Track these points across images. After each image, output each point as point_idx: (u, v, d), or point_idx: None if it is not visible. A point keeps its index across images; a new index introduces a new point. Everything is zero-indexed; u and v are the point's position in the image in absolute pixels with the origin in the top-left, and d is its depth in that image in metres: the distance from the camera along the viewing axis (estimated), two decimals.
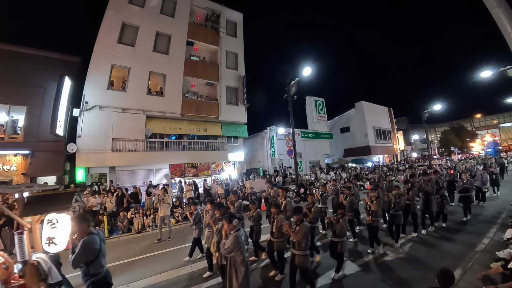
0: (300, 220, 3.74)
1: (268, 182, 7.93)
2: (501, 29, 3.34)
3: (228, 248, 3.13)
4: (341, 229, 4.29)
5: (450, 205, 9.09)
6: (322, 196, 7.12)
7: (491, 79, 9.16)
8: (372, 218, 5.33)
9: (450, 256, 4.95)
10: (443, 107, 20.94)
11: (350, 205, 6.18)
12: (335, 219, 4.41)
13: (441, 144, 42.46)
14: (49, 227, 2.98)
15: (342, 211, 4.45)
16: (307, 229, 3.62)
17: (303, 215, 3.82)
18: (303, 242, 3.57)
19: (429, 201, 6.53)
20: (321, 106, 22.53)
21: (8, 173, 9.49)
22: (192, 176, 14.36)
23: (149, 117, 13.12)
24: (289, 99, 12.22)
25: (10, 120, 9.80)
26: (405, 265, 4.79)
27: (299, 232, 3.59)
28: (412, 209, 6.30)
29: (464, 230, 6.55)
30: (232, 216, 3.39)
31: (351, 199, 6.28)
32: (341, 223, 4.31)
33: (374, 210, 5.33)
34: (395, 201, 5.78)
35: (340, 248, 4.29)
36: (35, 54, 10.43)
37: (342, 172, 18.08)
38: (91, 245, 2.79)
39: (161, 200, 7.46)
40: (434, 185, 6.74)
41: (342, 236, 4.31)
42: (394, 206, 5.76)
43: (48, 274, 2.84)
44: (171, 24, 14.35)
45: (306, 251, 3.62)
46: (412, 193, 6.35)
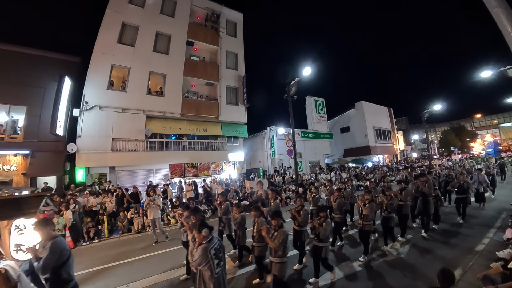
0: (278, 225, 3.52)
1: (258, 183, 7.70)
2: (501, 29, 3.34)
3: (196, 261, 2.85)
4: (324, 233, 4.11)
5: (446, 207, 8.99)
6: (314, 198, 6.83)
7: (491, 79, 9.17)
8: (363, 222, 5.15)
9: (447, 260, 4.79)
10: (443, 107, 20.97)
11: (339, 207, 5.99)
12: (318, 222, 4.22)
13: (441, 144, 42.47)
14: (16, 233, 2.81)
15: (324, 214, 4.24)
16: (285, 236, 3.40)
17: (282, 220, 3.59)
18: (280, 249, 3.36)
19: (427, 202, 6.37)
20: (321, 106, 22.53)
21: (8, 173, 9.48)
22: (192, 176, 14.35)
23: (149, 117, 13.12)
24: (289, 99, 12.22)
25: (10, 120, 9.80)
26: (395, 271, 4.58)
27: (276, 238, 3.37)
28: (405, 210, 6.16)
29: (462, 232, 6.38)
30: (202, 225, 3.05)
31: (340, 201, 6.07)
32: (324, 226, 4.12)
33: (366, 214, 5.13)
34: (387, 203, 5.63)
35: (324, 253, 4.13)
36: (35, 54, 10.43)
37: (342, 172, 18.06)
38: (61, 246, 2.62)
39: (153, 201, 7.20)
40: (432, 186, 6.59)
41: (326, 241, 4.16)
42: (387, 208, 5.61)
43: (18, 282, 2.63)
44: (171, 24, 14.35)
45: (283, 258, 3.40)
46: (405, 193, 6.24)
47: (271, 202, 5.80)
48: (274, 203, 5.74)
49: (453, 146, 33.87)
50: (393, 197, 5.73)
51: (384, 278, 4.36)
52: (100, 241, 7.78)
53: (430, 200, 6.39)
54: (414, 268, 4.61)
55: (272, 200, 5.87)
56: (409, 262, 4.88)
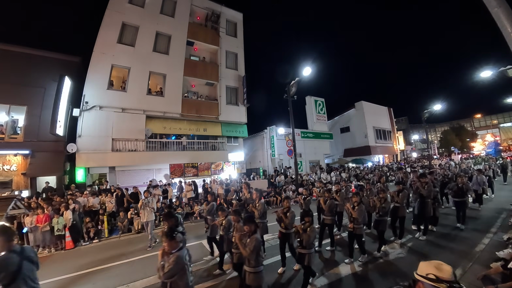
0: (252, 231, 3.21)
1: (244, 184, 7.32)
2: (501, 29, 3.34)
3: (170, 272, 2.47)
4: (308, 239, 3.84)
5: (441, 208, 8.60)
6: (305, 200, 6.48)
7: (491, 79, 9.16)
8: (354, 226, 4.89)
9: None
10: (443, 107, 20.97)
11: (329, 209, 5.73)
12: (302, 228, 3.95)
13: (441, 144, 42.50)
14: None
15: (309, 219, 3.98)
16: (258, 243, 3.10)
17: (256, 226, 3.29)
18: (252, 257, 3.08)
19: (424, 204, 6.08)
20: (321, 106, 22.53)
21: (8, 173, 9.50)
22: (192, 176, 14.36)
23: (149, 117, 13.12)
24: (289, 99, 12.22)
25: (10, 120, 9.81)
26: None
27: (248, 245, 3.07)
28: (401, 212, 5.93)
29: (462, 233, 6.20)
30: (172, 231, 2.72)
31: (331, 202, 5.77)
32: (309, 232, 3.85)
33: (355, 217, 4.86)
34: (380, 205, 5.35)
35: (307, 261, 3.84)
36: (35, 54, 10.44)
37: (342, 172, 18.06)
38: (3, 265, 2.27)
39: (146, 204, 6.85)
40: (432, 188, 6.26)
41: (310, 248, 3.88)
42: (379, 211, 5.34)
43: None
44: (171, 24, 14.35)
45: (257, 267, 3.11)
46: (402, 195, 5.99)
47: (257, 203, 5.48)
48: (260, 204, 5.43)
49: (453, 146, 33.90)
50: (387, 199, 5.47)
51: (373, 284, 4.15)
52: (100, 241, 7.77)
53: (428, 202, 6.11)
54: (408, 274, 4.20)
55: (257, 201, 5.54)
56: (404, 266, 4.63)
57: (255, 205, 5.45)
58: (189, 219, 9.89)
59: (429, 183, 6.27)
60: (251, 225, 3.25)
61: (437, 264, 1.54)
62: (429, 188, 6.14)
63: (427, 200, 6.10)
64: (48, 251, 7.06)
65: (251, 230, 3.22)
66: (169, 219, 3.86)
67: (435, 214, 6.50)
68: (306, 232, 3.89)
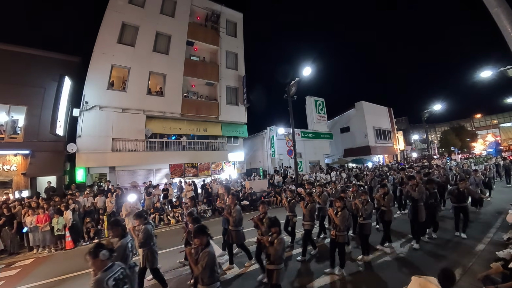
0: (203, 244, 2.78)
1: (224, 187, 6.62)
2: (501, 29, 3.34)
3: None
4: (275, 253, 3.31)
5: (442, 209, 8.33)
6: (290, 203, 6.08)
7: (491, 79, 9.18)
8: (336, 233, 4.47)
9: None
10: (443, 107, 21.04)
11: (310, 214, 5.37)
12: (269, 240, 3.41)
13: (441, 144, 42.46)
14: None
15: (276, 230, 3.42)
16: (211, 258, 2.69)
17: (208, 238, 2.86)
18: (205, 275, 2.69)
19: (417, 209, 5.59)
20: (321, 106, 22.52)
21: (8, 173, 9.50)
22: (192, 176, 14.36)
23: (149, 117, 13.12)
24: (289, 99, 12.23)
25: (10, 120, 9.81)
26: None
27: (201, 261, 2.66)
28: (387, 216, 5.60)
29: (457, 239, 5.89)
30: (99, 247, 2.32)
31: (312, 206, 5.41)
32: (276, 245, 3.30)
33: (338, 224, 4.45)
34: (362, 208, 5.09)
35: (275, 279, 3.34)
36: (35, 54, 10.44)
37: (342, 172, 18.04)
38: None
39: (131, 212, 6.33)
40: (424, 191, 5.74)
41: (279, 263, 3.34)
42: (362, 214, 5.08)
43: None
44: (171, 24, 14.35)
45: (212, 285, 2.73)
46: (388, 198, 5.69)
47: (232, 208, 5.03)
48: (235, 211, 4.94)
49: (453, 146, 33.89)
50: (369, 201, 5.20)
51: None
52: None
53: (421, 206, 5.62)
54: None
55: (232, 206, 5.06)
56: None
57: (230, 212, 4.96)
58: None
59: (420, 185, 5.79)
60: (202, 237, 2.81)
61: (424, 284, 1.48)
62: (420, 190, 5.66)
63: (419, 204, 5.61)
64: (48, 251, 7.07)
65: (203, 243, 2.80)
66: (114, 227, 3.37)
67: (435, 219, 6.05)
68: (273, 245, 3.33)
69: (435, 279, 2.10)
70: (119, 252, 3.14)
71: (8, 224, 6.98)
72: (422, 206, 5.63)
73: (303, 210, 5.50)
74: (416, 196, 5.65)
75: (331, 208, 4.76)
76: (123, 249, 3.26)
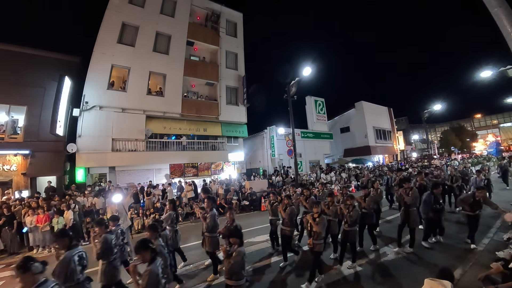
0: (146, 260, 2.44)
1: (203, 191, 6.08)
2: (501, 29, 3.34)
3: None
4: (231, 267, 2.90)
5: None
6: (273, 207, 5.66)
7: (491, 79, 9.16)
8: (313, 241, 4.09)
9: None
10: (443, 107, 21.01)
11: (289, 218, 4.96)
12: (226, 251, 2.98)
13: (441, 144, 42.50)
14: None
15: (236, 241, 3.01)
16: (154, 279, 2.33)
17: (153, 253, 2.51)
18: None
19: (409, 214, 5.26)
20: (321, 106, 22.53)
21: (8, 173, 9.50)
22: (192, 176, 14.36)
23: (149, 117, 13.12)
24: (289, 99, 12.22)
25: (10, 120, 9.81)
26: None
27: (144, 280, 2.32)
28: (368, 219, 5.46)
29: (460, 235, 5.83)
30: (29, 260, 2.07)
31: (291, 210, 4.99)
32: (233, 259, 2.89)
33: (316, 231, 4.06)
34: (348, 214, 4.71)
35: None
36: (35, 54, 10.44)
37: (342, 172, 18.05)
38: None
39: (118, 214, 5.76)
40: (417, 196, 5.41)
41: (238, 278, 2.95)
42: (347, 220, 4.71)
43: None
44: (171, 24, 14.35)
45: None
46: (368, 200, 5.51)
47: (207, 213, 4.73)
48: (210, 216, 4.64)
49: (453, 146, 33.91)
50: (355, 207, 4.83)
51: None
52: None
53: (414, 211, 5.29)
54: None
55: (208, 210, 4.76)
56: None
57: (205, 217, 4.69)
58: (189, 219, 9.90)
59: (414, 189, 5.48)
60: (145, 253, 2.46)
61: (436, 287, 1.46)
62: (414, 194, 5.31)
63: (412, 209, 5.28)
64: (48, 251, 7.07)
65: (145, 259, 2.46)
66: (60, 238, 3.00)
67: (441, 224, 5.69)
68: (231, 257, 2.90)
69: (449, 283, 2.03)
70: (62, 266, 2.77)
71: (8, 224, 6.98)
72: (415, 211, 5.32)
73: (282, 214, 5.09)
74: (409, 201, 5.28)
75: (309, 215, 4.31)
76: (66, 262, 2.80)
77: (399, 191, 5.74)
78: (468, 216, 5.44)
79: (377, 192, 6.63)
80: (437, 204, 5.56)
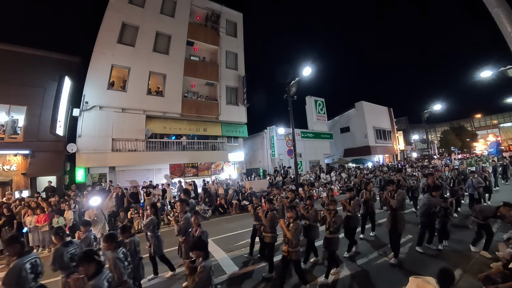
0: (89, 274, 2.27)
1: (183, 193, 5.81)
2: (501, 29, 3.34)
3: None
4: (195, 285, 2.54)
5: None
6: (256, 211, 5.26)
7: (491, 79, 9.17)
8: (288, 249, 3.79)
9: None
10: (443, 107, 21.05)
11: (270, 224, 4.58)
12: (189, 266, 2.66)
13: (441, 144, 42.48)
14: None
15: (199, 254, 2.69)
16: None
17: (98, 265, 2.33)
18: None
19: (395, 218, 4.86)
20: (321, 106, 22.53)
21: (8, 173, 9.50)
22: (192, 176, 14.36)
23: (149, 117, 13.12)
24: (289, 99, 12.22)
25: (10, 120, 9.81)
26: None
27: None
28: (353, 223, 5.25)
29: (459, 236, 5.83)
30: None
31: (272, 215, 4.62)
32: (199, 273, 2.55)
33: (290, 238, 3.73)
34: (330, 220, 4.36)
35: None
36: (35, 54, 10.44)
37: (342, 172, 18.05)
38: None
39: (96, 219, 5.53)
40: (404, 198, 5.04)
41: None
42: (329, 226, 4.36)
43: None
44: (171, 24, 14.35)
45: None
46: (353, 203, 5.28)
47: (180, 217, 4.53)
48: (183, 220, 4.43)
49: (453, 146, 33.86)
50: (338, 212, 4.44)
51: None
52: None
53: (401, 216, 4.86)
54: None
55: (182, 214, 4.58)
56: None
57: (177, 219, 4.49)
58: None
59: (399, 191, 5.07)
60: (88, 266, 2.28)
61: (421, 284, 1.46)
62: (400, 197, 4.89)
63: (399, 213, 4.88)
64: (48, 251, 7.07)
65: (88, 272, 2.28)
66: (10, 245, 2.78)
67: (446, 229, 5.34)
68: (196, 273, 2.57)
69: (433, 279, 2.09)
70: (12, 274, 2.60)
71: (8, 224, 6.98)
72: (403, 215, 4.90)
73: (263, 220, 4.72)
74: (395, 204, 4.86)
75: (282, 219, 4.05)
76: (17, 271, 2.61)
77: (384, 194, 5.36)
78: (479, 225, 5.10)
79: (370, 194, 6.39)
80: (440, 208, 5.27)
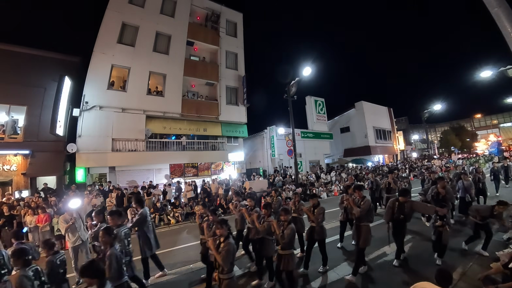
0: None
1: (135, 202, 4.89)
2: (501, 29, 3.35)
3: None
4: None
5: None
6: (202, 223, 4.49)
7: (491, 79, 9.17)
8: (219, 275, 3.28)
9: None
10: (443, 107, 21.07)
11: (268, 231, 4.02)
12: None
13: (441, 144, 42.49)
14: None
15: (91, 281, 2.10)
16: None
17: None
18: None
19: (360, 229, 4.26)
20: (321, 106, 22.52)
21: (8, 173, 9.50)
22: (192, 176, 14.37)
23: (149, 117, 13.13)
24: (289, 99, 12.24)
25: (10, 120, 9.81)
26: None
27: None
28: (318, 235, 4.46)
29: (459, 236, 6.06)
30: None
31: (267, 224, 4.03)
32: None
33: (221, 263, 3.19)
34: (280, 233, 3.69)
35: None
36: (35, 54, 10.44)
37: (342, 172, 18.05)
38: None
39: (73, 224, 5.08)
40: (371, 208, 4.35)
41: None
42: (279, 242, 3.69)
43: None
44: (171, 24, 14.35)
45: None
46: (317, 211, 4.45)
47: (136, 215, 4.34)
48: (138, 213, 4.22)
49: (453, 146, 33.88)
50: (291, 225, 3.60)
51: None
52: None
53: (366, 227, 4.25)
54: None
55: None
56: None
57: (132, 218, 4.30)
58: (189, 219, 9.89)
59: (366, 198, 4.43)
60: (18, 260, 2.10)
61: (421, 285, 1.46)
62: (366, 206, 4.24)
63: (363, 223, 4.25)
64: None
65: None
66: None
67: (441, 241, 4.56)
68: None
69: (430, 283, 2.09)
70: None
71: (8, 224, 6.98)
72: (368, 227, 4.26)
73: (251, 224, 4.44)
74: (358, 213, 4.20)
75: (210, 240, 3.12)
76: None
77: (347, 200, 4.72)
78: (476, 225, 4.97)
79: None
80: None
